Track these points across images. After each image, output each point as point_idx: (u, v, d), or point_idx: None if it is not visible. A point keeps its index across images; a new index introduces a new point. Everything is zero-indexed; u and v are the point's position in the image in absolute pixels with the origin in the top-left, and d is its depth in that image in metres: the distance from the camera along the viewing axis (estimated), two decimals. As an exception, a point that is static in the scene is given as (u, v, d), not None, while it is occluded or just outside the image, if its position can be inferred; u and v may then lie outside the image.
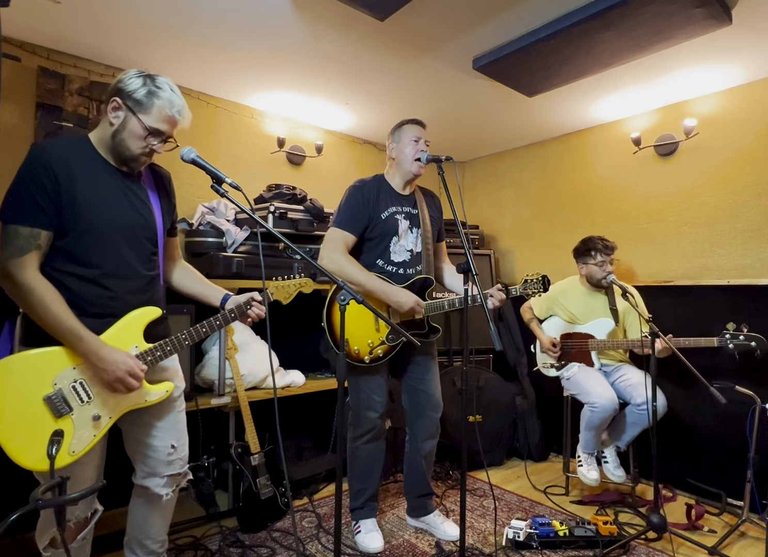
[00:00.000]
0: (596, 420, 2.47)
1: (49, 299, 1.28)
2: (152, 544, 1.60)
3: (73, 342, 1.30)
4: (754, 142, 2.67)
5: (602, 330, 2.67)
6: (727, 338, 2.34)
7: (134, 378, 1.36)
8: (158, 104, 1.37)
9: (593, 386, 2.52)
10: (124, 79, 1.38)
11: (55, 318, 1.28)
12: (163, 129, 1.40)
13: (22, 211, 1.29)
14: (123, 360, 1.35)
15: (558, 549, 2.15)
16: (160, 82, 1.40)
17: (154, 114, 1.38)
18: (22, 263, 1.28)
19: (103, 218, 1.38)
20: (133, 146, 1.39)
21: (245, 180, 3.04)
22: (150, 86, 1.37)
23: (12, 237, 1.28)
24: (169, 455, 1.54)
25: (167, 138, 1.44)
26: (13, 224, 1.28)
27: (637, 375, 2.58)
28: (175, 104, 1.40)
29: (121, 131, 1.38)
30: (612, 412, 2.43)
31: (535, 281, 2.06)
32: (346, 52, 2.39)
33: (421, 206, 2.22)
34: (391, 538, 2.26)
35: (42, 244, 1.31)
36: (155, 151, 1.43)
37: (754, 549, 2.21)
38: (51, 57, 2.38)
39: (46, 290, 1.29)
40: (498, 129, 3.50)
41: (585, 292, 2.79)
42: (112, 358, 1.33)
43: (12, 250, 1.28)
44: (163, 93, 1.38)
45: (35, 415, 1.28)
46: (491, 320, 1.63)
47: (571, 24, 2.04)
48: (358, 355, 2.06)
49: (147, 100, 1.37)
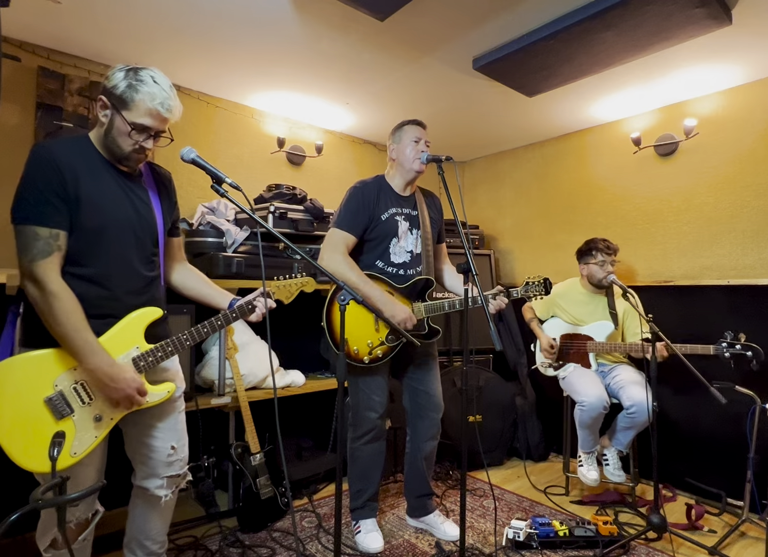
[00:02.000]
0: (586, 419, 2.49)
1: (71, 308, 1.27)
2: (152, 545, 1.60)
3: (86, 356, 1.29)
4: (754, 142, 2.66)
5: (602, 333, 2.68)
6: (723, 346, 2.33)
7: (141, 394, 1.38)
8: (138, 98, 1.31)
9: (583, 385, 2.55)
10: (109, 75, 1.34)
11: (73, 328, 1.27)
12: (147, 124, 1.34)
13: (38, 211, 1.26)
14: (132, 378, 1.36)
15: (558, 549, 2.15)
16: (143, 74, 1.33)
17: (135, 109, 1.32)
18: (46, 266, 1.26)
19: (104, 218, 1.36)
20: (122, 144, 1.36)
21: (245, 180, 3.04)
22: (131, 80, 1.31)
23: (31, 239, 1.25)
24: (169, 456, 1.54)
25: (156, 133, 1.38)
26: (31, 225, 1.26)
27: (629, 375, 2.59)
28: (157, 96, 1.32)
29: (111, 130, 1.35)
30: (601, 410, 2.44)
31: (537, 283, 2.04)
32: (346, 52, 2.39)
33: (421, 207, 2.22)
34: (391, 538, 2.26)
35: (62, 245, 1.29)
36: (145, 147, 1.38)
37: (754, 549, 2.21)
38: (51, 57, 2.38)
39: (71, 299, 1.28)
40: (498, 129, 3.50)
41: (585, 294, 2.80)
42: (122, 377, 1.33)
43: (34, 252, 1.25)
44: (142, 86, 1.31)
45: (36, 417, 1.28)
46: (491, 320, 1.63)
47: (571, 24, 2.04)
48: (357, 355, 2.06)
49: (127, 94, 1.31)
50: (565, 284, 2.90)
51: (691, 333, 2.74)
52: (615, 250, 2.70)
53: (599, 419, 2.49)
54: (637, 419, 2.39)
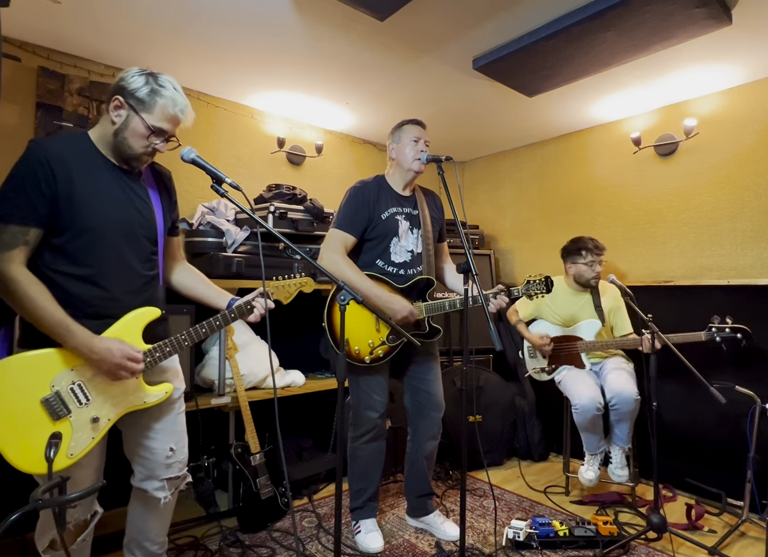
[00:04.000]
0: (582, 421, 2.49)
1: (33, 291, 1.26)
2: (151, 546, 1.59)
3: (64, 336, 1.27)
4: (754, 142, 2.66)
5: (590, 331, 2.68)
6: (713, 331, 2.35)
7: (133, 361, 1.34)
8: (161, 103, 1.36)
9: (576, 387, 2.56)
10: (126, 78, 1.36)
11: (41, 310, 1.26)
12: (165, 128, 1.39)
13: (12, 207, 1.27)
14: (116, 346, 1.32)
15: (558, 549, 2.15)
16: (163, 80, 1.38)
17: (156, 113, 1.36)
18: (7, 257, 1.26)
19: (101, 216, 1.36)
20: (135, 145, 1.38)
21: (245, 180, 3.04)
22: (153, 84, 1.36)
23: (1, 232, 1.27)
24: (168, 458, 1.53)
25: (169, 137, 1.43)
26: (2, 221, 1.27)
27: (612, 365, 2.60)
28: (179, 103, 1.39)
29: (123, 130, 1.36)
30: (594, 412, 2.44)
31: (538, 282, 2.04)
32: (346, 51, 2.39)
33: (422, 207, 2.22)
34: (391, 538, 2.26)
35: (30, 240, 1.29)
36: (157, 150, 1.42)
37: (754, 549, 2.21)
38: (51, 57, 2.38)
39: (31, 283, 1.27)
40: (498, 129, 3.50)
41: (570, 293, 2.81)
42: (104, 346, 1.30)
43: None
44: (166, 92, 1.37)
45: (33, 418, 1.27)
46: (491, 320, 1.63)
47: (571, 24, 2.04)
48: (359, 355, 2.06)
49: (150, 98, 1.35)
50: None
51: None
52: (602, 249, 2.72)
53: (596, 420, 2.49)
54: (621, 409, 2.39)
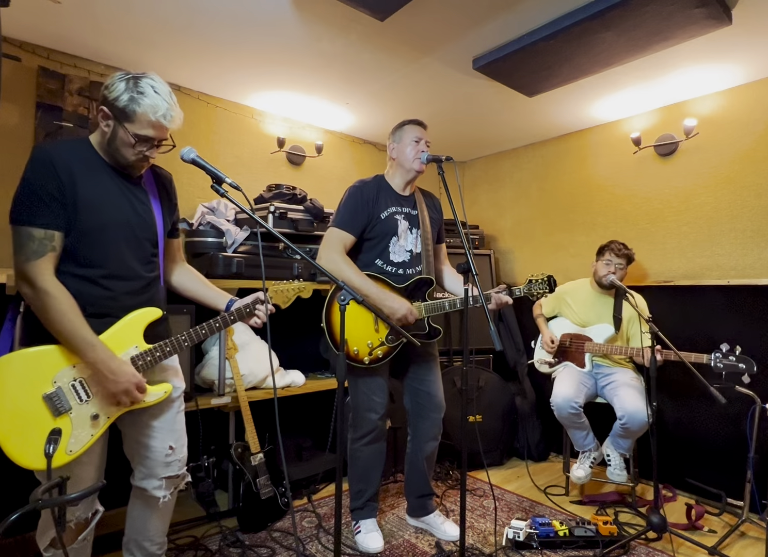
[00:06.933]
0: (559, 418, 2.55)
1: (66, 306, 1.29)
2: (151, 546, 1.60)
3: (85, 351, 1.31)
4: (754, 142, 2.66)
5: (601, 335, 2.69)
6: (718, 357, 2.31)
7: (140, 391, 1.38)
8: (140, 111, 1.32)
9: (558, 386, 2.60)
10: (109, 86, 1.34)
11: (70, 325, 1.29)
12: (150, 135, 1.36)
13: (33, 212, 1.29)
14: (133, 372, 1.37)
15: (558, 549, 2.15)
16: (143, 85, 1.33)
17: (138, 121, 1.34)
18: (39, 266, 1.28)
19: (103, 219, 1.38)
20: (126, 154, 1.38)
21: (245, 180, 3.04)
22: (132, 92, 1.32)
23: (26, 239, 1.28)
24: (167, 456, 1.54)
25: (159, 142, 1.41)
26: (26, 226, 1.28)
27: (624, 380, 2.57)
28: (159, 108, 1.34)
29: (114, 140, 1.37)
30: (569, 410, 2.46)
31: (540, 281, 2.02)
32: (346, 52, 2.39)
33: (421, 207, 2.22)
34: (391, 538, 2.26)
35: (56, 245, 1.31)
36: (148, 156, 1.41)
37: (754, 549, 2.21)
38: (51, 57, 2.38)
39: (64, 297, 1.30)
40: (498, 129, 3.50)
41: (592, 294, 2.81)
42: (123, 370, 1.34)
43: (28, 253, 1.28)
44: (144, 99, 1.32)
45: (34, 414, 1.28)
46: (491, 320, 1.63)
47: (571, 24, 2.04)
48: (357, 356, 2.06)
49: (129, 107, 1.32)
50: (576, 282, 2.94)
51: (691, 334, 2.75)
52: (626, 254, 2.68)
53: (573, 418, 2.50)
54: (631, 429, 2.39)
